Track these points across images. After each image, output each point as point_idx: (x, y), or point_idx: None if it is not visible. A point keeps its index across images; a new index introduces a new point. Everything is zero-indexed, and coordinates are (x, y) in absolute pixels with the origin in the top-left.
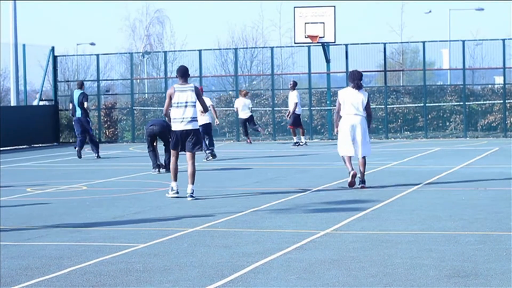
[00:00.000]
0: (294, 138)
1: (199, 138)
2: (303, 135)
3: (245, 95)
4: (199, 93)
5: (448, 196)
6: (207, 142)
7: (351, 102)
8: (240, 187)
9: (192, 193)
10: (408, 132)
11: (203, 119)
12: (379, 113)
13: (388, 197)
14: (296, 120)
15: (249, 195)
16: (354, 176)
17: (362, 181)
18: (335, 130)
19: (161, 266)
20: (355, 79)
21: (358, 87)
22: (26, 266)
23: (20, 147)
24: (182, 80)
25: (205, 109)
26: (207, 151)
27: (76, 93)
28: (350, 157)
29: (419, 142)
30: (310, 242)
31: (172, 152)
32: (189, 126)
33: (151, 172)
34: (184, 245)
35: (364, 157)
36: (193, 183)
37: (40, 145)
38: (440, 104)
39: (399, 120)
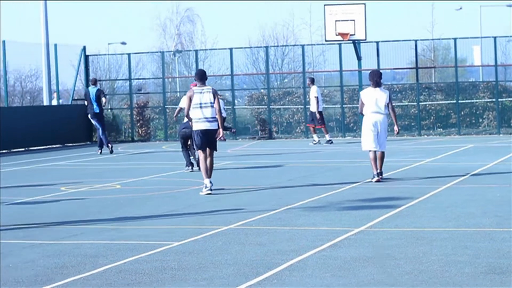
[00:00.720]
0: (327, 136)
1: (215, 138)
2: (327, 133)
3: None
4: (216, 94)
5: (483, 192)
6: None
7: (372, 101)
8: (273, 184)
9: (210, 187)
10: (441, 129)
11: None
12: (412, 110)
13: (422, 194)
14: (320, 118)
15: (282, 193)
16: (377, 181)
17: (379, 173)
18: None
19: (195, 264)
20: (374, 77)
21: (377, 85)
22: (62, 265)
23: (53, 146)
24: (200, 82)
25: (220, 116)
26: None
27: (92, 89)
28: (376, 157)
29: (452, 139)
30: (345, 239)
31: (200, 152)
32: (209, 125)
33: (184, 170)
34: (219, 243)
35: (382, 152)
36: (210, 176)
37: (73, 144)
38: (472, 100)
39: (432, 117)
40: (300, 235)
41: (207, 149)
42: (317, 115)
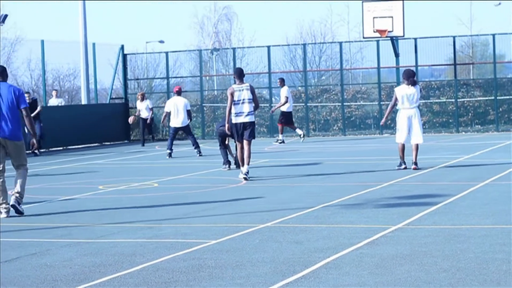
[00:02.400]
0: (280, 136)
1: (254, 129)
2: (281, 133)
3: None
4: (253, 90)
5: None
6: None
7: (407, 97)
8: (310, 182)
9: (247, 172)
10: (479, 126)
11: None
12: (450, 107)
13: (460, 191)
14: (288, 118)
15: (319, 191)
16: (404, 168)
17: (415, 163)
18: (382, 121)
19: (233, 262)
20: (410, 76)
21: (414, 83)
22: (99, 263)
23: (92, 145)
24: (239, 80)
25: (257, 105)
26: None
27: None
28: (404, 147)
29: (491, 135)
30: (382, 237)
31: (238, 143)
32: (248, 119)
33: (221, 168)
34: (256, 241)
35: (417, 144)
36: (248, 164)
37: (111, 143)
38: (511, 97)
39: (470, 114)
40: (337, 232)
41: (245, 141)
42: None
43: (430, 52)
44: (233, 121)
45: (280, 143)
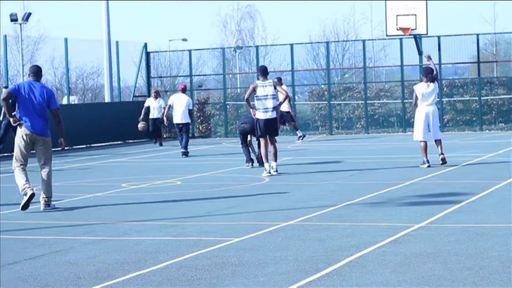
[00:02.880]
0: (298, 132)
1: (277, 126)
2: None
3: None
4: (276, 85)
5: None
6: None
7: (426, 94)
8: (333, 180)
9: (276, 169)
10: (503, 124)
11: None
12: (473, 105)
13: (483, 190)
14: (288, 117)
15: (342, 189)
16: (427, 167)
17: (442, 153)
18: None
19: (255, 260)
20: (428, 73)
21: (432, 80)
22: (122, 261)
23: (115, 143)
24: (263, 77)
25: (286, 96)
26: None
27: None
28: (426, 145)
29: None
30: (405, 235)
31: (261, 140)
32: (270, 115)
33: (244, 166)
34: (279, 239)
35: (439, 139)
36: (276, 161)
37: (134, 140)
38: None
39: (494, 112)
40: (360, 231)
41: (269, 138)
42: (286, 114)
43: (454, 50)
44: (256, 116)
45: (301, 138)
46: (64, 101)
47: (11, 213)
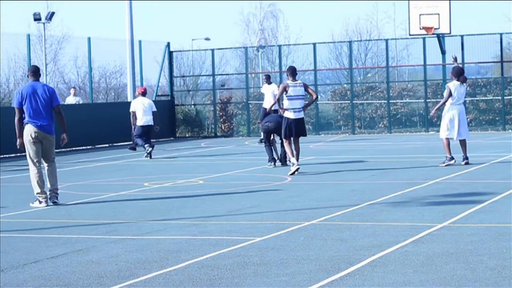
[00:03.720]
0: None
1: (305, 125)
2: None
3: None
4: (306, 86)
5: None
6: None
7: (460, 94)
8: (355, 179)
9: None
10: None
11: None
12: (496, 105)
13: (507, 189)
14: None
15: (364, 188)
16: (453, 162)
17: (466, 158)
18: (433, 112)
19: (277, 259)
20: (460, 74)
21: (465, 80)
22: (144, 260)
23: None
24: (292, 77)
25: (315, 96)
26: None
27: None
28: (449, 142)
29: None
30: (427, 235)
31: (285, 140)
32: (300, 115)
33: (267, 166)
34: (301, 239)
35: (465, 139)
36: (298, 160)
37: (157, 140)
38: None
39: None
40: (382, 230)
41: (295, 138)
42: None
43: (477, 50)
44: (286, 115)
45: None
46: (71, 101)
47: (34, 212)
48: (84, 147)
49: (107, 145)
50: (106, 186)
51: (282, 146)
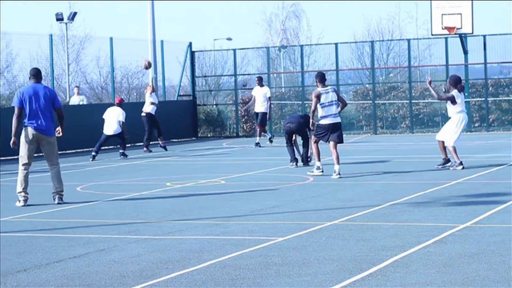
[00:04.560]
0: (267, 134)
1: (342, 131)
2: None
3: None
4: (337, 93)
5: None
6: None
7: (462, 102)
8: (378, 180)
9: (339, 173)
10: None
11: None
12: None
13: None
14: (265, 119)
15: (387, 188)
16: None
17: (448, 160)
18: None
19: (299, 259)
20: (460, 83)
21: (462, 89)
22: (167, 260)
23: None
24: (322, 84)
25: (345, 104)
26: None
27: None
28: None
29: None
30: (450, 235)
31: (314, 139)
32: (337, 120)
33: (288, 166)
34: (323, 239)
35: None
36: (338, 164)
37: (179, 140)
38: None
39: None
40: (404, 231)
41: (333, 142)
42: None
43: (499, 49)
44: (322, 122)
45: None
46: (75, 100)
47: (56, 212)
48: (106, 147)
49: (129, 145)
50: (128, 186)
51: (304, 146)
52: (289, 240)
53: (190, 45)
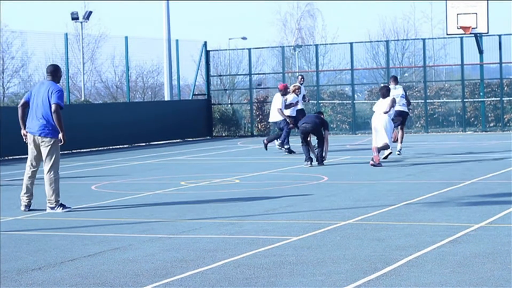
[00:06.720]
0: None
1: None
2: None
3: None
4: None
5: None
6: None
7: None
8: (392, 179)
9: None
10: None
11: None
12: None
13: None
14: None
15: (401, 188)
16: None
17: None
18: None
19: (314, 259)
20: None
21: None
22: (181, 259)
23: (174, 141)
24: (394, 83)
25: (409, 102)
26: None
27: None
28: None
29: None
30: (464, 235)
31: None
32: (405, 108)
33: (303, 165)
34: (337, 238)
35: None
36: (401, 142)
37: (193, 139)
38: None
39: None
40: (418, 230)
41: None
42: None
43: None
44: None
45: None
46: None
47: (71, 211)
48: (121, 146)
49: (144, 143)
50: (143, 185)
51: (319, 146)
52: (304, 240)
53: (205, 44)
